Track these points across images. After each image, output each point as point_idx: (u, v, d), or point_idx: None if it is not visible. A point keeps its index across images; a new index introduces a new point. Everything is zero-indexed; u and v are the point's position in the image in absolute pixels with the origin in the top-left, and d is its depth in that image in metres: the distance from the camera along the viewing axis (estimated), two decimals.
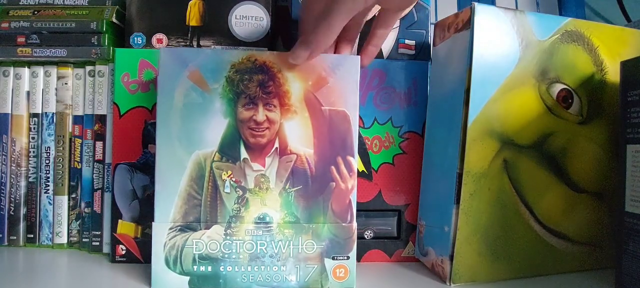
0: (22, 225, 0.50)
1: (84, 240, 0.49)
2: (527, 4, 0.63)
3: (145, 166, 0.46)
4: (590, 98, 0.45)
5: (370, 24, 0.50)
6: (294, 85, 0.39)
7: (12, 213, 0.50)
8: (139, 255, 0.46)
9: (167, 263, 0.38)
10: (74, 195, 0.50)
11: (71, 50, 0.49)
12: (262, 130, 0.39)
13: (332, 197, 0.39)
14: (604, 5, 0.70)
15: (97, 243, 0.48)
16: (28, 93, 0.50)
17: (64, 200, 0.50)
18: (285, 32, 0.52)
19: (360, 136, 0.48)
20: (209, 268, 0.39)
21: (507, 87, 0.41)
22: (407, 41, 0.50)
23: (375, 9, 0.50)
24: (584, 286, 0.42)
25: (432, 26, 0.50)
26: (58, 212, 0.49)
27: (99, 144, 0.49)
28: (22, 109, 0.50)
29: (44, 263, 0.45)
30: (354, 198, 0.40)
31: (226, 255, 0.39)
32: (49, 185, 0.50)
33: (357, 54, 0.45)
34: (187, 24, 0.50)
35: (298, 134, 0.39)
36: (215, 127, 0.39)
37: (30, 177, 0.50)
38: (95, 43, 0.49)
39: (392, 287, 0.41)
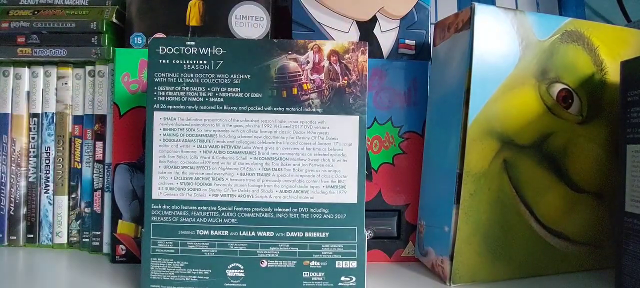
0: (22, 225, 0.50)
1: (84, 240, 0.49)
2: (527, 4, 0.63)
3: None
4: (590, 98, 0.45)
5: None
6: None
7: (12, 213, 0.50)
8: (139, 255, 0.46)
9: None
10: (74, 195, 0.50)
11: (71, 50, 0.49)
12: None
13: None
14: (604, 5, 0.70)
15: (97, 243, 0.48)
16: (28, 93, 0.50)
17: (64, 200, 0.50)
18: (285, 33, 0.52)
19: None
20: None
21: (507, 87, 0.41)
22: (407, 41, 0.50)
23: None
24: (584, 286, 0.42)
25: (432, 26, 0.50)
26: (58, 212, 0.49)
27: (99, 144, 0.49)
28: (22, 109, 0.50)
29: (44, 263, 0.45)
30: None
31: None
32: (49, 185, 0.50)
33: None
34: (187, 24, 0.50)
35: None
36: None
37: (30, 177, 0.50)
38: (95, 43, 0.49)
39: (392, 287, 0.41)
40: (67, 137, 0.50)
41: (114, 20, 0.50)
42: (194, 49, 0.38)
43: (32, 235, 0.50)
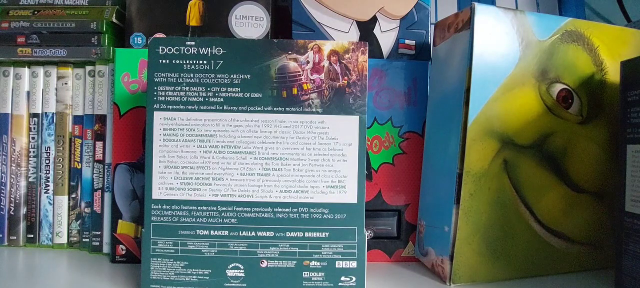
0: (22, 225, 0.50)
1: (84, 240, 0.49)
2: (527, 4, 0.63)
3: None
4: (590, 98, 0.45)
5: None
6: None
7: (12, 213, 0.50)
8: (139, 255, 0.46)
9: None
10: (74, 195, 0.50)
11: (71, 50, 0.49)
12: None
13: None
14: (604, 5, 0.70)
15: (97, 243, 0.48)
16: (28, 93, 0.50)
17: (64, 200, 0.50)
18: (285, 33, 0.52)
19: None
20: None
21: (507, 87, 0.41)
22: (407, 41, 0.50)
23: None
24: (584, 286, 0.42)
25: (432, 26, 0.50)
26: (58, 212, 0.49)
27: (99, 144, 0.49)
28: (22, 109, 0.50)
29: (44, 263, 0.45)
30: None
31: None
32: (49, 185, 0.50)
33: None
34: (187, 24, 0.50)
35: None
36: None
37: (30, 177, 0.50)
38: (95, 43, 0.49)
39: (392, 287, 0.41)
40: (67, 137, 0.50)
41: (114, 20, 0.50)
42: (194, 49, 0.38)
43: (32, 235, 0.50)
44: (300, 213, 0.38)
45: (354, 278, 0.38)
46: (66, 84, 0.50)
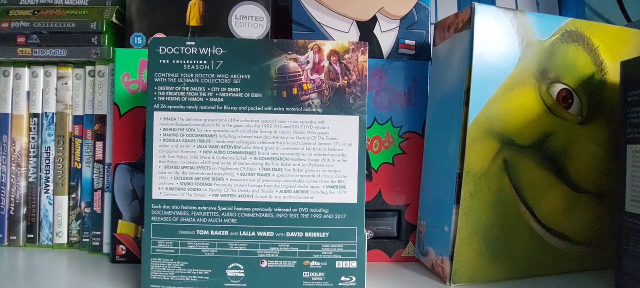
0: (22, 225, 0.50)
1: (84, 240, 0.49)
2: (527, 4, 0.63)
3: None
4: (590, 98, 0.45)
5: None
6: None
7: (12, 213, 0.50)
8: (139, 255, 0.46)
9: None
10: (74, 195, 0.50)
11: (71, 50, 0.49)
12: None
13: None
14: (604, 5, 0.70)
15: (97, 243, 0.48)
16: (28, 93, 0.50)
17: (64, 200, 0.50)
18: (285, 33, 0.52)
19: None
20: None
21: (507, 87, 0.41)
22: (407, 41, 0.50)
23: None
24: (584, 286, 0.42)
25: (432, 26, 0.50)
26: (58, 212, 0.49)
27: (99, 144, 0.49)
28: (22, 109, 0.50)
29: (44, 263, 0.45)
30: None
31: None
32: (49, 185, 0.50)
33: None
34: (187, 24, 0.50)
35: None
36: None
37: (30, 177, 0.50)
38: (95, 43, 0.49)
39: (392, 287, 0.41)
40: (67, 137, 0.50)
41: (114, 20, 0.50)
42: (194, 49, 0.38)
43: (32, 235, 0.50)
44: (300, 213, 0.38)
45: (354, 278, 0.38)
46: (66, 84, 0.50)
